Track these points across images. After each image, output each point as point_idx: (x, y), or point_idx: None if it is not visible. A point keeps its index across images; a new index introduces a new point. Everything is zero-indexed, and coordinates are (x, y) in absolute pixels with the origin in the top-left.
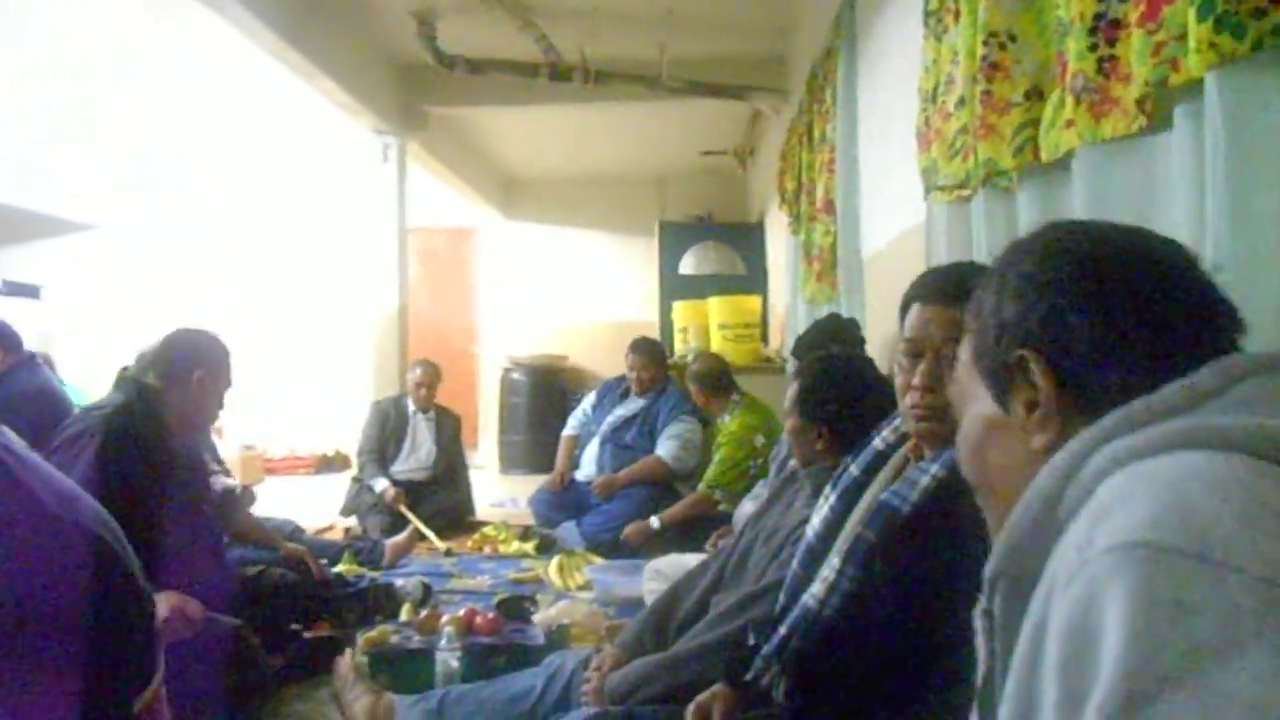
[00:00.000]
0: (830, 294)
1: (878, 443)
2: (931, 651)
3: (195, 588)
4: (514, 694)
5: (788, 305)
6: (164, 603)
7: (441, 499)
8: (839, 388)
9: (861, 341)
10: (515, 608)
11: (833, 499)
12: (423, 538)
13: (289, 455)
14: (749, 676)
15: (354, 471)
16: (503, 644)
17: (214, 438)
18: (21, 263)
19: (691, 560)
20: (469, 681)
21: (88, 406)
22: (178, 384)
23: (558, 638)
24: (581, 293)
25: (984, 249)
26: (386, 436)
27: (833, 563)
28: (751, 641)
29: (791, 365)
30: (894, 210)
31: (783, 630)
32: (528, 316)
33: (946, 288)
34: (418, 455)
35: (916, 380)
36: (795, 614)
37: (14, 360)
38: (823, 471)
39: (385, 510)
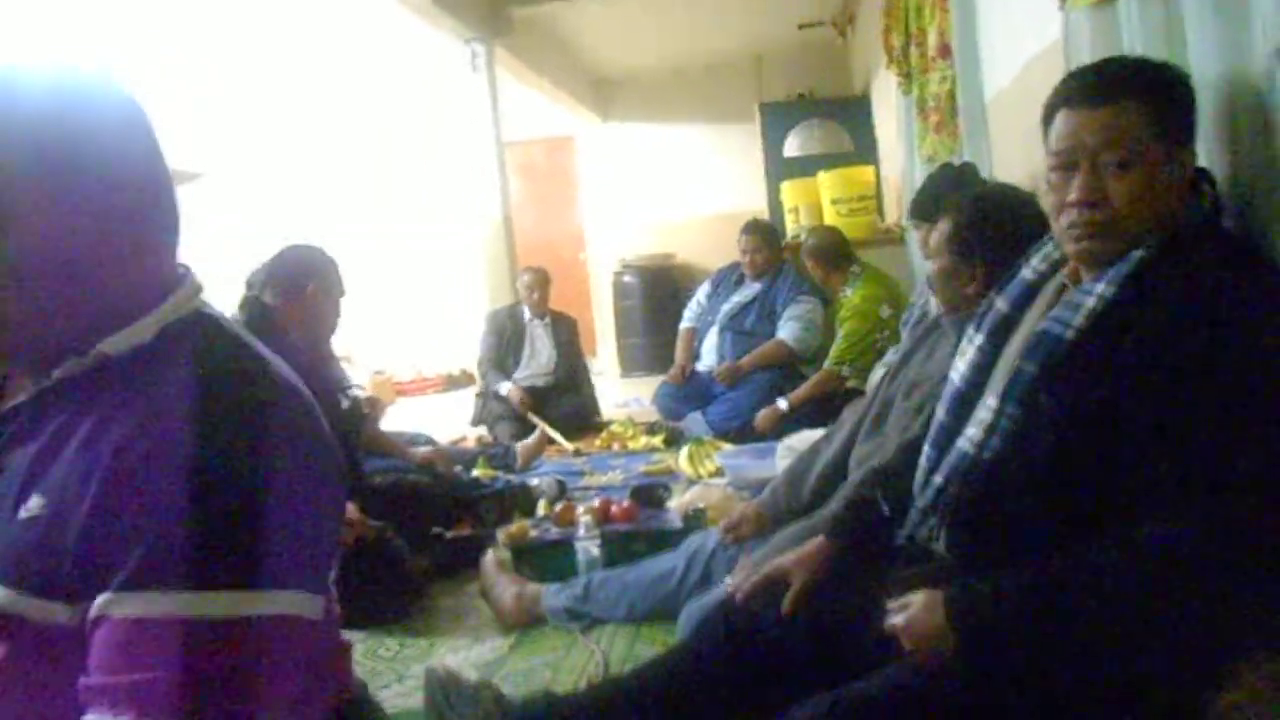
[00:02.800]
0: (951, 145)
1: (1027, 273)
2: (1104, 483)
3: None
4: (657, 575)
5: (903, 171)
6: None
7: (566, 403)
8: (996, 218)
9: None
10: (650, 495)
11: (979, 339)
12: (551, 441)
13: (417, 377)
14: (906, 532)
15: (479, 385)
16: (641, 530)
17: (344, 365)
18: None
19: None
20: (610, 568)
21: None
22: (294, 300)
23: (695, 521)
24: (685, 188)
25: (1138, 53)
26: (505, 346)
27: (988, 404)
28: (886, 513)
29: (911, 228)
30: (1017, 40)
31: (938, 480)
32: (633, 218)
33: (1098, 86)
34: (538, 360)
35: (1073, 196)
36: (950, 462)
37: None
38: (968, 319)
39: (513, 417)
